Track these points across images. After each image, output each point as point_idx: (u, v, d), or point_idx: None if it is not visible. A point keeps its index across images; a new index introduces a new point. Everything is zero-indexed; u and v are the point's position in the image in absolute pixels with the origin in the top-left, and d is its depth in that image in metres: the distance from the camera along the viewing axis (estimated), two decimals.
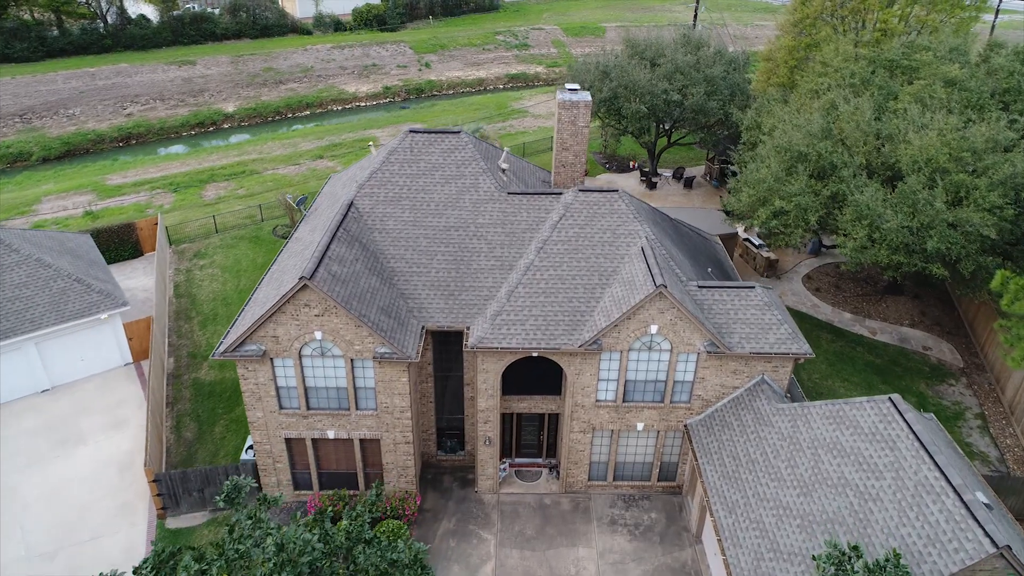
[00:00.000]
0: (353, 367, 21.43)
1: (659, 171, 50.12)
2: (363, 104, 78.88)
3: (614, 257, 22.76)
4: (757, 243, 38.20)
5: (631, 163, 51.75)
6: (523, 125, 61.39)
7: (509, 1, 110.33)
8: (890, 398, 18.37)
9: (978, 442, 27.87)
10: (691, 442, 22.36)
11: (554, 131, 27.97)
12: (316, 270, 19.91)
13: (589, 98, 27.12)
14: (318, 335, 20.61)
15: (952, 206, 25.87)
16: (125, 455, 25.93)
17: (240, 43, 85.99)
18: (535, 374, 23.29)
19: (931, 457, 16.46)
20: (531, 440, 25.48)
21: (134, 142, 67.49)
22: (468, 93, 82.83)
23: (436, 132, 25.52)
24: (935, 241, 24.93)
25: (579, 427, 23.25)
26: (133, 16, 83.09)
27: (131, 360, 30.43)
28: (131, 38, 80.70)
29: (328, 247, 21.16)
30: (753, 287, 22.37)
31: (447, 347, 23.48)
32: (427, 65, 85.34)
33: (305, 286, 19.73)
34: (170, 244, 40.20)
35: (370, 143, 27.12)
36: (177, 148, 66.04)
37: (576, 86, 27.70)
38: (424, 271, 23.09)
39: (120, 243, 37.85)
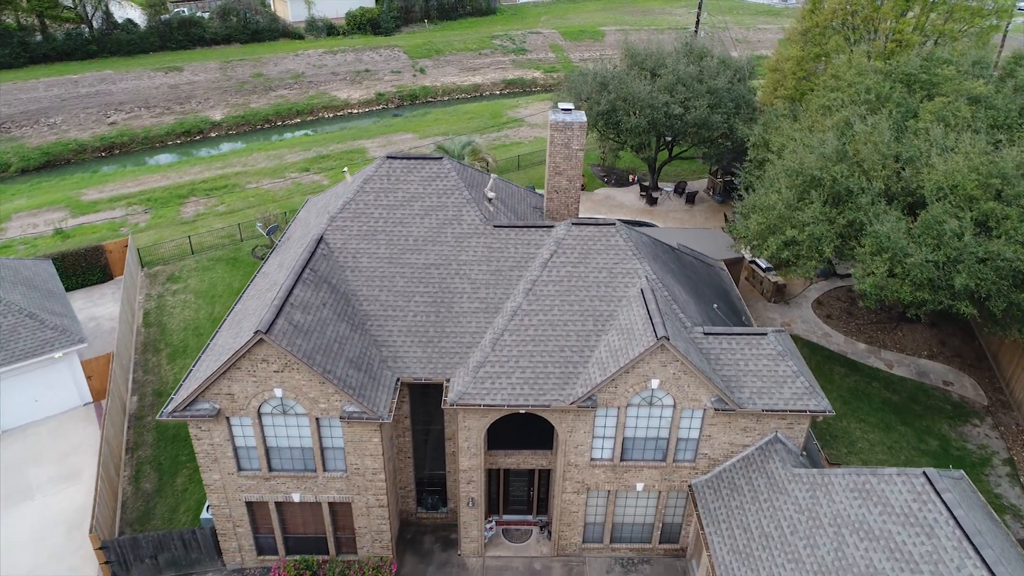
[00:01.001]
0: (319, 426, 19.20)
1: (660, 185, 47.89)
2: (355, 111, 76.70)
3: (611, 299, 20.51)
4: (764, 266, 35.96)
5: (631, 176, 49.51)
6: (518, 135, 59.16)
7: (507, 4, 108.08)
8: (924, 472, 16.12)
9: (1008, 493, 25.61)
10: (696, 506, 20.11)
11: (547, 154, 25.76)
12: (274, 321, 17.66)
13: (584, 119, 24.90)
14: (278, 392, 18.38)
15: (980, 235, 23.61)
16: (76, 512, 23.66)
17: (230, 48, 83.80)
18: (524, 426, 21.04)
19: (977, 551, 14.21)
20: (520, 495, 23.24)
21: (117, 152, 65.30)
22: (464, 99, 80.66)
23: (416, 158, 23.28)
24: (963, 277, 22.67)
25: (572, 487, 20.99)
26: (120, 21, 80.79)
27: (91, 400, 28.19)
28: (117, 44, 78.46)
29: (290, 292, 18.91)
30: (765, 333, 20.11)
31: (426, 398, 21.24)
32: (422, 70, 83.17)
33: (261, 340, 17.48)
34: (142, 266, 37.97)
35: (344, 168, 24.77)
36: (162, 158, 63.79)
37: (570, 105, 25.46)
38: (400, 315, 20.85)
39: (88, 267, 35.61)
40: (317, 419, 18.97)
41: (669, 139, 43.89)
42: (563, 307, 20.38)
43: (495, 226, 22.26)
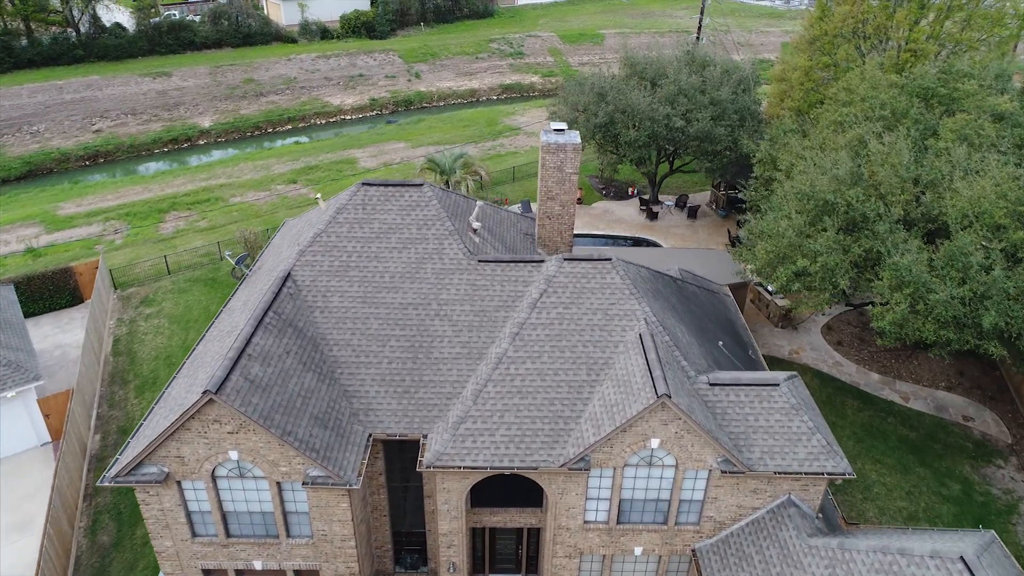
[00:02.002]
0: (281, 490, 17.26)
1: (660, 199, 45.92)
2: (348, 117, 74.82)
3: (606, 345, 18.56)
4: (771, 289, 33.97)
5: (630, 189, 47.54)
6: (514, 144, 57.21)
7: (504, 7, 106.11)
8: (962, 559, 14.15)
9: None
10: (700, 573, 18.16)
11: (538, 177, 23.84)
12: (227, 378, 15.72)
13: (578, 140, 22.96)
14: (234, 455, 16.44)
15: (1010, 268, 21.64)
16: (27, 568, 21.73)
17: (221, 52, 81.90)
18: (511, 481, 19.11)
19: None
20: (508, 553, 21.29)
21: (102, 160, 63.47)
22: (460, 104, 78.77)
23: (394, 185, 21.33)
24: (992, 316, 20.70)
25: (564, 552, 19.05)
26: (108, 25, 78.85)
27: (49, 440, 26.26)
28: (104, 48, 76.56)
29: (248, 341, 16.97)
30: (777, 384, 18.16)
31: (403, 452, 19.30)
32: (417, 75, 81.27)
33: (211, 400, 15.54)
34: (115, 288, 36.04)
35: (317, 195, 22.88)
36: (149, 166, 62.05)
37: (563, 125, 23.52)
38: (374, 361, 18.89)
39: (56, 290, 33.68)
40: (278, 483, 17.03)
41: (670, 151, 41.92)
42: (553, 353, 18.44)
43: (479, 261, 20.31)
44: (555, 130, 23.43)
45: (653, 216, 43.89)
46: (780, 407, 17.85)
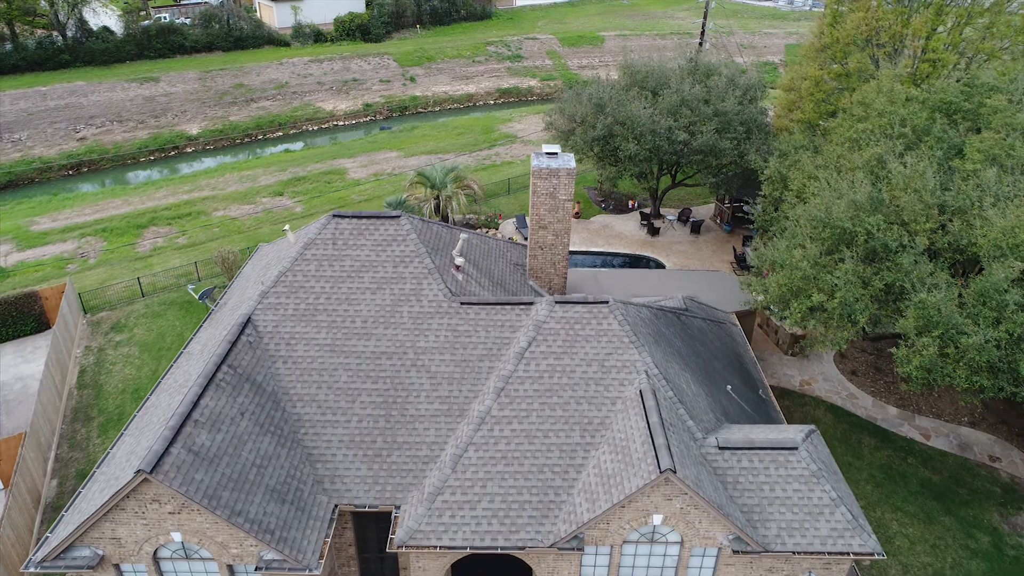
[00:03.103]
0: (233, 574, 15.23)
1: (662, 212, 43.85)
2: (341, 123, 72.86)
3: (602, 402, 16.53)
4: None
5: (630, 202, 45.46)
6: (510, 153, 55.14)
7: (503, 8, 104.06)
8: None
9: None
10: None
11: (529, 204, 21.83)
12: (165, 453, 13.69)
13: (572, 164, 20.93)
14: (177, 537, 14.42)
15: None
16: None
17: (211, 56, 79.94)
18: (495, 555, 17.05)
19: None
20: None
21: (86, 170, 61.46)
22: (456, 109, 76.79)
23: (367, 217, 19.29)
24: None
25: None
26: (95, 28, 76.82)
27: (1, 487, 24.26)
28: (91, 53, 74.57)
29: (195, 404, 14.94)
30: (795, 448, 16.11)
31: (377, 521, 17.27)
32: (412, 79, 79.25)
33: (147, 479, 13.52)
34: (84, 313, 34.04)
35: (285, 227, 20.82)
36: (134, 176, 60.10)
37: (556, 148, 21.48)
38: (342, 420, 16.86)
39: (19, 316, 31.68)
40: (229, 566, 15.01)
41: (673, 164, 39.87)
42: (543, 412, 16.40)
43: (462, 303, 18.27)
44: (547, 153, 21.40)
45: (654, 231, 41.84)
46: (799, 474, 15.80)
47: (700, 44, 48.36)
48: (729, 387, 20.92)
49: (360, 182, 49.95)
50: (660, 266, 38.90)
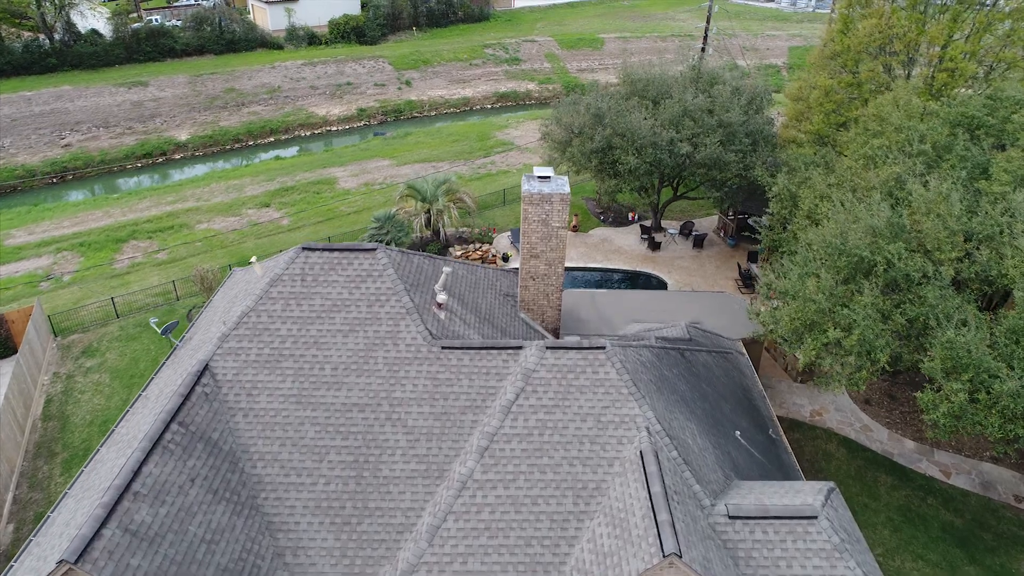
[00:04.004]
0: None
1: (663, 225, 42.07)
2: (334, 128, 71.17)
3: (598, 463, 14.77)
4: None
5: (630, 214, 43.67)
6: (506, 162, 53.36)
7: (501, 10, 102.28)
8: None
9: None
10: None
11: (520, 232, 20.06)
12: (96, 535, 11.94)
13: (566, 189, 19.18)
14: None
15: None
16: None
17: (202, 60, 78.27)
18: None
19: None
20: None
21: (70, 177, 59.85)
22: (452, 114, 75.12)
23: (340, 250, 17.53)
24: None
25: None
26: (83, 31, 75.04)
27: None
28: (79, 56, 72.84)
29: (136, 473, 13.18)
30: (815, 517, 14.33)
31: None
32: (407, 83, 77.54)
33: (71, 569, 11.76)
34: (55, 335, 32.29)
35: (252, 259, 19.05)
36: (120, 184, 58.46)
37: (548, 171, 19.72)
38: (308, 482, 15.11)
39: None
40: None
41: (674, 179, 38.14)
42: (532, 475, 14.64)
43: (443, 347, 16.50)
44: (539, 177, 19.64)
45: (655, 246, 40.06)
46: (819, 548, 14.03)
47: (703, 49, 46.58)
48: (738, 432, 19.17)
49: (350, 192, 48.21)
50: (662, 284, 37.16)
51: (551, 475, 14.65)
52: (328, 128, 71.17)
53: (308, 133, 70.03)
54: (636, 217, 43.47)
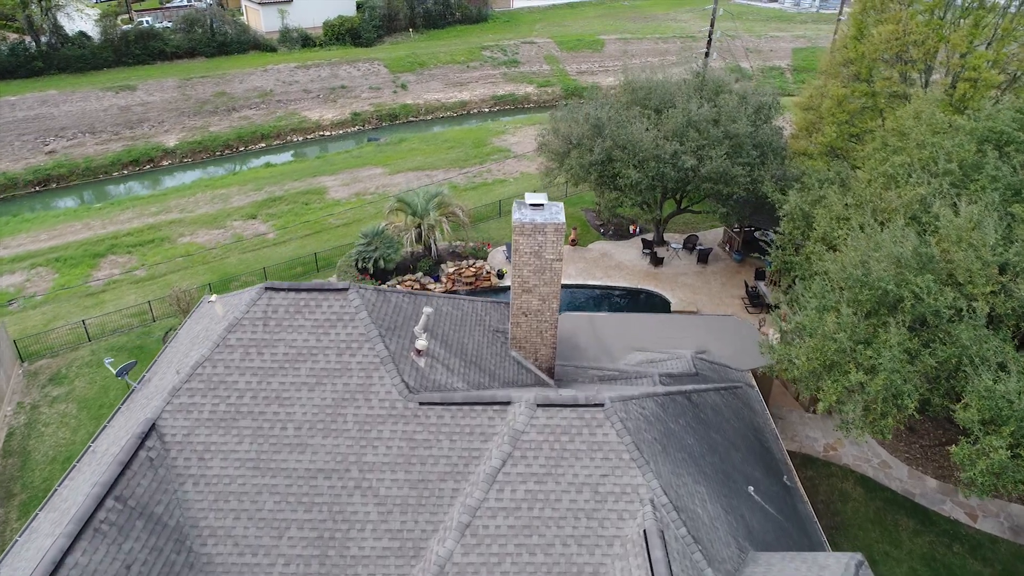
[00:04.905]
0: None
1: (666, 239, 40.20)
2: (327, 133, 69.39)
3: (596, 543, 12.93)
4: None
5: (632, 227, 41.81)
6: (503, 170, 51.51)
7: (499, 11, 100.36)
8: None
9: None
10: None
11: (511, 264, 18.26)
12: None
13: (561, 218, 17.34)
14: None
15: None
16: None
17: (193, 63, 76.43)
18: None
19: None
20: None
21: (54, 185, 58.07)
22: (448, 118, 73.27)
23: (308, 290, 15.68)
24: None
25: None
26: (71, 34, 73.20)
27: None
28: (66, 60, 71.08)
29: (59, 565, 11.33)
30: None
31: None
32: (403, 86, 75.71)
33: None
34: (21, 361, 30.48)
35: (211, 297, 17.24)
36: (106, 192, 56.74)
37: (541, 198, 17.87)
38: (266, 561, 13.27)
39: None
40: None
41: (678, 194, 36.29)
42: (519, 558, 12.80)
43: (421, 403, 14.65)
44: (531, 205, 17.79)
45: (658, 261, 38.20)
46: None
47: (706, 54, 44.68)
48: (751, 488, 17.33)
49: (340, 203, 46.37)
50: (664, 303, 35.30)
51: (542, 557, 12.80)
52: (321, 133, 69.42)
53: (300, 138, 68.26)
54: (638, 230, 41.61)
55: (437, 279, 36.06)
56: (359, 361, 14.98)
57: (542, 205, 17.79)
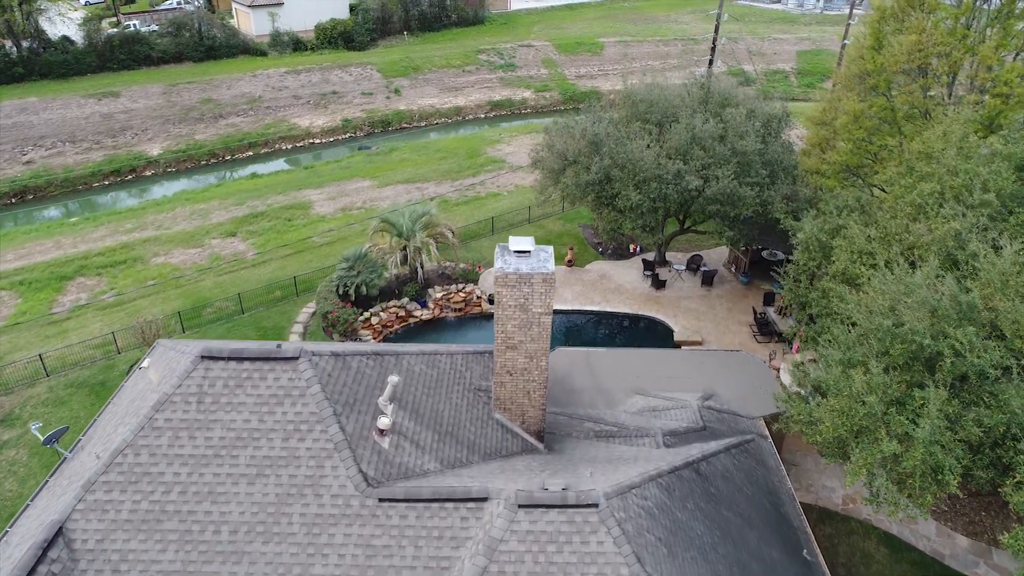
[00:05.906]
0: None
1: (668, 259, 37.89)
2: (317, 141, 67.17)
3: None
4: None
5: (632, 246, 39.49)
6: (497, 183, 49.18)
7: (497, 13, 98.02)
8: None
9: None
10: None
11: (495, 318, 15.95)
12: None
13: (550, 267, 15.03)
14: None
15: None
16: None
17: (180, 68, 74.15)
18: None
19: None
20: None
21: (31, 197, 55.86)
22: (443, 124, 71.02)
23: (252, 360, 13.36)
24: None
25: None
26: (54, 38, 70.88)
27: None
28: (48, 65, 68.83)
29: None
30: None
31: None
32: (396, 91, 73.47)
33: None
34: None
35: (144, 362, 14.94)
36: (83, 204, 54.53)
37: (528, 242, 15.56)
38: None
39: None
40: None
41: (681, 214, 33.97)
42: None
43: (380, 500, 12.34)
44: (516, 252, 15.46)
45: (660, 284, 35.87)
46: None
47: (710, 62, 42.33)
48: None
49: (325, 219, 44.06)
50: (667, 330, 32.98)
51: None
52: (311, 141, 67.22)
53: (289, 146, 66.07)
54: (638, 249, 39.30)
55: (424, 305, 33.77)
56: (308, 447, 12.67)
57: (528, 252, 15.47)
